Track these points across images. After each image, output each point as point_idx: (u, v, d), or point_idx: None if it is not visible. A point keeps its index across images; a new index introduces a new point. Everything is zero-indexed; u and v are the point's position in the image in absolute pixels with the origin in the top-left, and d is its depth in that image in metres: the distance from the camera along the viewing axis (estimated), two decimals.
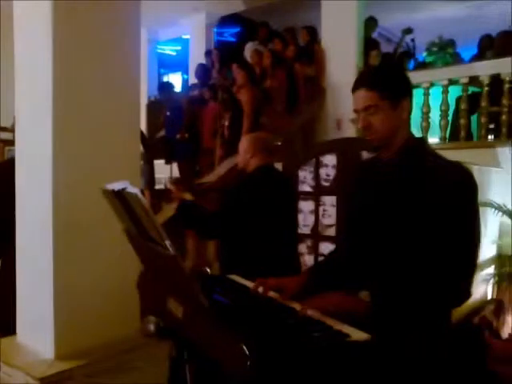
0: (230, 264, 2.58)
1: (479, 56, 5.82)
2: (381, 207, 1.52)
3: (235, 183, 2.90)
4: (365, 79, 1.52)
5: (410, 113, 1.54)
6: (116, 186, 1.40)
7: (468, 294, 1.40)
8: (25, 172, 2.54)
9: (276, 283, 1.61)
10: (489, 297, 4.35)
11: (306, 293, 1.57)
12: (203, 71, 6.80)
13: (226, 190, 3.00)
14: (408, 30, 6.62)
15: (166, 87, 6.85)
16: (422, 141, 1.64)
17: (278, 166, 4.02)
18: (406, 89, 1.53)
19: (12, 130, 2.72)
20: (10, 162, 2.72)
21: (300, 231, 3.72)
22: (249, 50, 7.09)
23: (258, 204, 2.46)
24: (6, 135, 5.68)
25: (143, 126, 6.33)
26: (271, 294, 1.61)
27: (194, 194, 2.81)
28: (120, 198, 1.41)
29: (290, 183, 2.92)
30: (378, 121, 1.48)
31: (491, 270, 4.28)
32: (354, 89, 1.52)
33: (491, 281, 4.24)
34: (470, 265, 1.41)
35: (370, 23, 6.44)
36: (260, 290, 1.59)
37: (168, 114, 6.40)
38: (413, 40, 6.95)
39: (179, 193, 2.63)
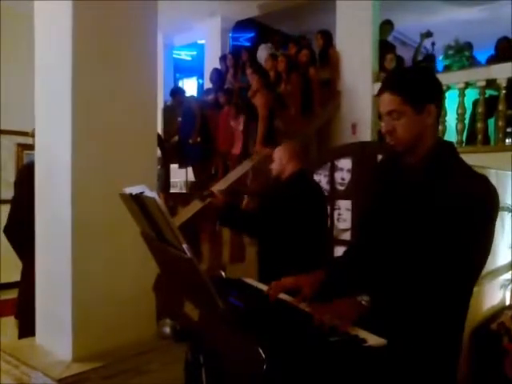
0: (268, 266, 2.68)
1: (496, 57, 5.76)
2: (401, 210, 1.50)
3: (272, 188, 3.03)
4: (389, 83, 1.49)
5: (437, 118, 1.49)
6: (134, 190, 1.42)
7: (461, 314, 1.42)
8: (44, 175, 2.58)
9: (292, 284, 1.60)
10: (507, 302, 4.28)
11: (322, 293, 1.57)
12: (217, 76, 6.84)
13: (264, 195, 3.17)
14: (428, 34, 6.56)
15: (176, 93, 6.89)
16: (451, 147, 1.56)
17: None
18: (432, 94, 1.48)
19: (33, 135, 2.77)
20: (30, 166, 2.77)
21: None
22: (263, 51, 7.12)
23: (293, 209, 2.58)
24: (23, 139, 5.79)
25: (159, 131, 6.38)
26: (285, 296, 1.61)
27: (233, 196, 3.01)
28: (138, 202, 1.43)
29: (322, 188, 3.08)
30: (401, 126, 1.44)
31: (509, 275, 4.22)
32: (380, 92, 1.49)
33: (509, 286, 4.18)
34: (470, 279, 1.40)
35: (386, 26, 6.41)
36: (270, 292, 1.59)
37: (180, 119, 6.45)
38: (433, 43, 6.87)
39: (222, 195, 2.83)
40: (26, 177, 2.84)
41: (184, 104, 6.50)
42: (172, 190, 6.21)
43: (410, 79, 1.49)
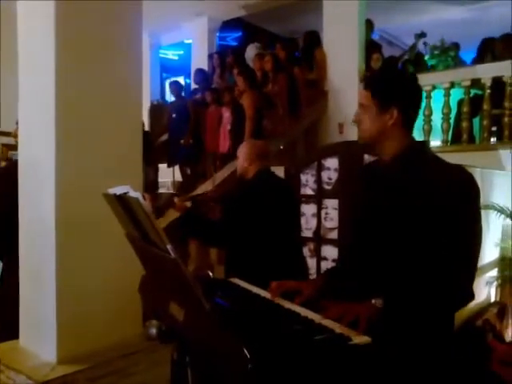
0: (235, 269, 2.59)
1: (479, 59, 5.82)
2: (382, 211, 1.53)
3: (235, 190, 2.93)
4: (367, 78, 1.72)
5: (402, 122, 1.51)
6: (118, 190, 1.41)
7: (471, 295, 1.41)
8: (27, 175, 2.55)
9: (293, 286, 1.62)
10: (492, 299, 4.33)
11: (322, 297, 1.58)
12: (201, 76, 6.82)
13: (227, 198, 3.05)
14: (422, 34, 6.61)
15: (176, 85, 6.77)
16: (422, 145, 1.64)
17: (281, 169, 4.03)
18: (396, 98, 1.50)
19: (15, 135, 2.74)
20: (13, 165, 2.73)
21: (302, 234, 3.72)
22: (251, 50, 7.11)
23: (259, 209, 2.48)
24: (8, 140, 5.72)
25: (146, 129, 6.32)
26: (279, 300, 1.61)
27: (195, 204, 2.84)
28: (122, 203, 1.42)
29: (289, 185, 2.96)
30: (365, 119, 1.53)
31: (494, 272, 4.27)
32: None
33: (494, 283, 4.23)
34: (471, 266, 1.41)
35: (366, 25, 6.42)
36: (272, 295, 1.60)
37: (174, 115, 6.36)
38: (425, 43, 6.93)
39: (182, 204, 2.65)
40: (10, 174, 2.80)
41: (179, 102, 6.44)
42: (160, 191, 6.17)
43: (381, 78, 1.59)
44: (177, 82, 6.89)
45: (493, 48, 5.63)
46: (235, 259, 2.65)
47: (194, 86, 7.38)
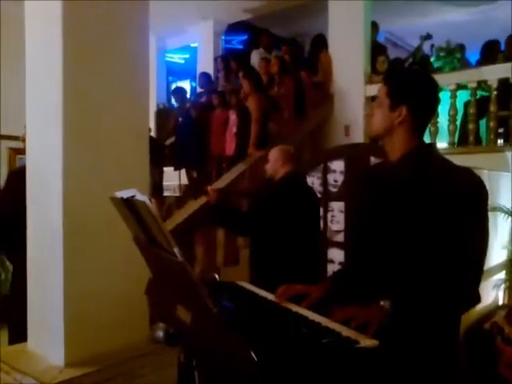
0: (260, 270, 2.75)
1: (483, 60, 5.80)
2: (388, 212, 1.52)
3: (264, 188, 3.15)
4: (386, 73, 1.59)
5: (411, 122, 1.51)
6: (125, 193, 1.42)
7: (478, 298, 1.40)
8: (35, 179, 2.57)
9: (301, 289, 1.63)
10: (500, 302, 4.30)
11: (329, 300, 1.58)
12: (206, 80, 6.86)
13: (256, 195, 3.26)
14: (427, 36, 6.59)
15: (179, 92, 6.83)
16: (429, 146, 1.64)
17: None
18: (408, 97, 1.50)
19: (23, 139, 2.75)
20: (22, 170, 2.75)
21: None
22: (255, 56, 7.13)
23: (280, 209, 2.67)
24: (16, 144, 5.75)
25: (152, 134, 6.34)
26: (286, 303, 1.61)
27: (223, 195, 3.10)
28: (129, 206, 1.42)
29: (314, 195, 3.14)
30: (376, 113, 1.54)
31: (502, 275, 4.24)
32: None
33: (502, 286, 4.21)
34: (478, 268, 1.40)
35: (371, 27, 6.41)
36: (278, 299, 1.60)
37: (180, 119, 6.39)
38: (433, 45, 6.90)
39: (214, 192, 2.94)
40: (12, 181, 2.83)
41: (186, 105, 6.47)
42: (166, 194, 6.18)
43: (397, 75, 1.60)
44: (178, 89, 6.95)
45: (499, 49, 5.60)
46: (257, 259, 2.83)
47: (199, 89, 7.41)
